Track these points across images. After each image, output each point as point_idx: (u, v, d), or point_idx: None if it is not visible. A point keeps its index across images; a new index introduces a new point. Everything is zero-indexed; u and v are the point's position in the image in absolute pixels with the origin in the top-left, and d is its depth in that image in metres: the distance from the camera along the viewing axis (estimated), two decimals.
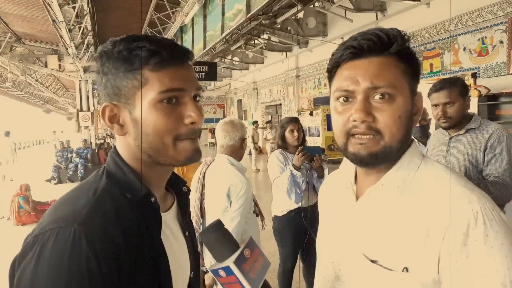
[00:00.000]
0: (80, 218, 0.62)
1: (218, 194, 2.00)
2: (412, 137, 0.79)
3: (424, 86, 7.09)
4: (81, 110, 11.95)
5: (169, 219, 0.81)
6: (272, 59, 13.81)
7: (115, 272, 0.62)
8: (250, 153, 11.60)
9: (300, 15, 9.55)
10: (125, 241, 0.65)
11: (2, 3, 7.81)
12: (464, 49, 6.85)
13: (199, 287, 0.91)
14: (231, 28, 7.29)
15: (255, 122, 13.02)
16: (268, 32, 10.24)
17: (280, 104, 14.91)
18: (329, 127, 10.11)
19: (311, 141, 10.08)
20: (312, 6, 8.58)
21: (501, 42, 6.25)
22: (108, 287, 0.61)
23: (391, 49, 0.72)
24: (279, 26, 9.54)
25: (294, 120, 2.79)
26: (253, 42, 11.67)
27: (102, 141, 14.34)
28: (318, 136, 10.66)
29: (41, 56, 11.92)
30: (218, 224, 0.71)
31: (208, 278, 1.99)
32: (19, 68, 11.67)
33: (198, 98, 0.76)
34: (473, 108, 4.80)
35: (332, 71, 0.79)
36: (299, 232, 2.62)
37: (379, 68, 0.72)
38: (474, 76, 6.61)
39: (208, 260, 1.88)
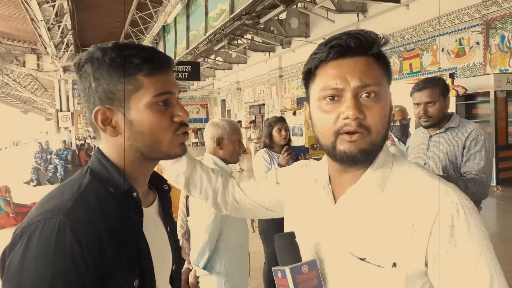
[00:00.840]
0: (65, 210, 0.67)
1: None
2: (393, 136, 0.82)
3: (404, 86, 7.24)
4: (61, 110, 11.71)
5: (151, 213, 0.87)
6: (255, 59, 13.84)
7: (98, 260, 0.67)
8: None
9: (283, 15, 9.62)
10: (107, 231, 0.69)
11: None
12: (442, 50, 7.04)
13: (180, 279, 0.97)
14: (215, 28, 7.27)
15: (239, 122, 13.02)
16: (251, 32, 10.27)
17: (264, 104, 14.97)
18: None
19: (295, 141, 10.13)
20: (294, 6, 8.65)
21: (477, 43, 6.45)
22: (92, 274, 0.66)
23: (373, 49, 0.74)
24: (262, 26, 9.58)
25: (282, 120, 2.83)
26: (236, 42, 11.67)
27: (82, 142, 14.08)
28: (301, 135, 10.75)
29: (19, 56, 11.63)
30: (291, 235, 0.78)
31: (191, 276, 1.98)
32: None
33: (179, 99, 0.85)
34: (451, 107, 4.94)
35: (313, 70, 0.79)
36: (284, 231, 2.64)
37: (366, 67, 0.73)
38: (452, 76, 6.80)
39: (193, 257, 1.87)
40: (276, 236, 0.78)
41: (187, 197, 2.16)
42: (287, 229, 0.95)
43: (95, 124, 0.77)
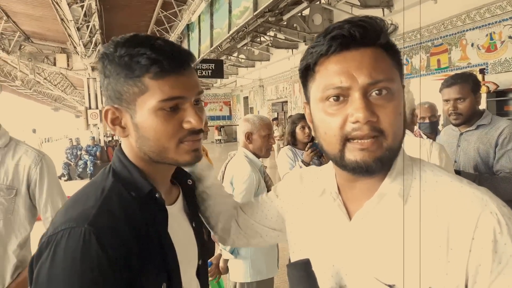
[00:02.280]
0: (90, 218, 0.66)
1: (226, 182, 2.14)
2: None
3: (432, 82, 7.06)
4: (90, 108, 12.06)
5: (175, 211, 0.85)
6: (278, 56, 13.80)
7: (125, 267, 0.66)
8: None
9: (306, 12, 9.53)
10: (133, 238, 0.68)
11: (11, 2, 7.90)
12: (472, 44, 6.81)
13: (207, 273, 0.96)
14: (238, 26, 7.30)
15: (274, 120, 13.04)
16: (274, 29, 10.23)
17: (286, 101, 14.91)
18: None
19: None
20: (318, 2, 8.57)
21: (510, 37, 6.20)
22: (119, 282, 0.65)
23: (381, 39, 0.63)
24: (285, 23, 9.53)
25: (305, 117, 2.83)
26: (259, 39, 11.67)
27: (110, 138, 14.46)
28: None
29: (49, 55, 12.04)
30: (307, 264, 0.65)
31: (221, 260, 2.06)
32: (28, 66, 11.80)
33: (199, 102, 0.77)
34: (482, 104, 4.78)
35: (312, 67, 0.67)
36: None
37: (375, 59, 0.62)
38: (482, 72, 6.57)
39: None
40: (288, 266, 0.65)
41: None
42: (295, 252, 0.82)
43: (105, 123, 0.75)
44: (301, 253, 0.78)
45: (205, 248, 0.96)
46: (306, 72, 0.70)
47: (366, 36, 0.62)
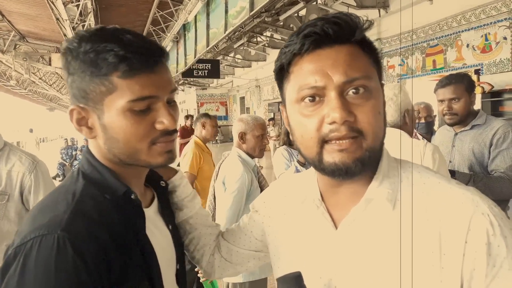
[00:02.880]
0: (62, 223, 0.60)
1: (218, 182, 2.15)
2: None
3: (427, 83, 7.09)
4: None
5: (152, 214, 0.80)
6: (275, 57, 13.50)
7: (105, 273, 0.61)
8: None
9: (303, 12, 9.55)
10: (111, 242, 0.63)
11: (6, 1, 7.85)
12: (468, 45, 6.84)
13: (185, 278, 0.89)
14: (234, 26, 7.29)
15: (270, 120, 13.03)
16: (270, 30, 10.24)
17: None
18: None
19: None
20: (314, 3, 8.58)
21: (505, 38, 6.24)
22: None
23: (356, 35, 0.61)
24: (282, 23, 9.54)
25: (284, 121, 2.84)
26: (255, 39, 11.66)
27: None
28: None
29: (45, 54, 11.97)
30: (298, 277, 0.61)
31: None
32: (23, 66, 11.73)
33: (171, 101, 0.73)
34: (477, 104, 4.81)
35: (285, 67, 0.65)
36: None
37: (350, 57, 0.60)
38: (477, 72, 6.60)
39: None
40: (279, 280, 0.61)
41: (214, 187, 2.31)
42: (280, 268, 0.77)
43: (71, 123, 0.70)
44: (287, 265, 0.73)
45: (182, 251, 0.91)
46: (281, 73, 0.68)
47: (340, 33, 0.60)
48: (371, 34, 0.68)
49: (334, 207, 0.68)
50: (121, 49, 0.64)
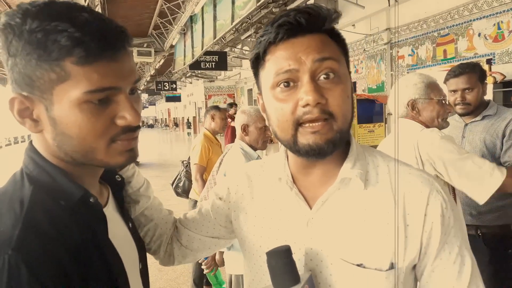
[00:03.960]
0: (12, 241, 0.51)
1: (220, 174, 2.16)
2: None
3: (438, 73, 6.98)
4: None
5: (110, 213, 0.72)
6: None
7: None
8: None
9: (310, 2, 9.45)
10: (70, 256, 0.55)
11: None
12: (479, 34, 6.71)
13: (148, 276, 0.83)
14: (241, 17, 7.24)
15: None
16: None
17: None
18: None
19: None
20: None
21: None
22: None
23: (326, 25, 0.66)
24: None
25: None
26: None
27: None
28: None
29: None
30: (287, 251, 0.62)
31: (217, 253, 2.07)
32: None
33: (134, 91, 0.64)
34: (488, 94, 4.72)
35: (261, 56, 0.69)
36: None
37: (321, 43, 0.65)
38: (489, 62, 6.48)
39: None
40: (268, 253, 0.62)
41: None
42: (253, 251, 0.79)
43: (12, 114, 0.59)
44: (263, 245, 0.76)
45: (144, 250, 0.85)
46: (257, 62, 0.71)
47: (312, 23, 0.65)
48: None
49: (306, 188, 0.74)
50: (76, 30, 0.53)
